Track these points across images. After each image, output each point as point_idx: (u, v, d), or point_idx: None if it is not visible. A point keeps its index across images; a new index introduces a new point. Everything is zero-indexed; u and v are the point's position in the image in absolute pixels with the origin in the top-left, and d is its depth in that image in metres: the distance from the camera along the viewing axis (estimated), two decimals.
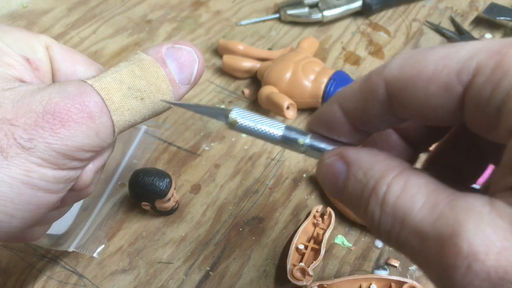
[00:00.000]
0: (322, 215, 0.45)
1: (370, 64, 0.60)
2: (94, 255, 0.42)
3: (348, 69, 0.60)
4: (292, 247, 0.42)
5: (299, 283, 0.39)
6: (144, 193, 0.42)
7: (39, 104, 0.23)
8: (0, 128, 0.22)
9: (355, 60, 0.61)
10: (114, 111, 0.24)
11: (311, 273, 0.40)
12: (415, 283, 0.39)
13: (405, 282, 0.39)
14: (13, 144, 0.22)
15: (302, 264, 0.41)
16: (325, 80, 0.51)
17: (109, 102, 0.24)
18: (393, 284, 0.40)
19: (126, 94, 0.25)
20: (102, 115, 0.24)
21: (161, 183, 0.41)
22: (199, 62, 0.26)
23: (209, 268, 0.42)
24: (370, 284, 0.40)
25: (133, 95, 0.25)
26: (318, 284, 0.40)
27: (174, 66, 0.26)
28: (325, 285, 0.40)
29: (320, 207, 0.45)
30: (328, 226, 0.44)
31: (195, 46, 0.27)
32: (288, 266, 0.41)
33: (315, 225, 0.44)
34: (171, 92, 0.26)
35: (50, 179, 0.24)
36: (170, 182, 0.42)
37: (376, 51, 0.62)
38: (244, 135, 0.52)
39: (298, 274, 0.40)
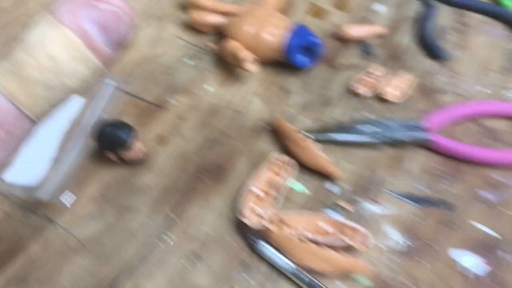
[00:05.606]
0: (281, 163, 0.47)
1: (335, 18, 0.61)
2: (66, 203, 0.45)
3: (312, 22, 0.60)
4: (246, 189, 0.45)
5: (248, 222, 0.43)
6: (107, 143, 0.44)
7: None
8: None
9: (319, 13, 0.61)
10: (29, 109, 0.21)
11: (261, 212, 0.43)
12: (366, 232, 0.42)
13: (357, 230, 0.42)
14: None
15: (252, 204, 0.44)
16: (285, 33, 0.52)
17: (22, 104, 0.20)
18: (346, 228, 0.43)
19: (40, 90, 0.20)
20: (16, 122, 0.21)
21: (122, 133, 0.43)
22: (127, 22, 0.22)
23: (175, 215, 0.45)
24: (325, 224, 0.43)
25: (49, 84, 0.21)
26: (275, 212, 0.43)
27: (96, 30, 0.21)
28: (282, 216, 0.43)
29: (277, 154, 0.48)
30: (286, 174, 0.46)
31: (123, 2, 0.22)
32: (241, 206, 0.44)
33: (274, 172, 0.47)
34: (93, 59, 0.21)
35: None
36: (131, 132, 0.44)
37: (342, 4, 0.62)
38: (211, 89, 0.54)
39: (247, 213, 0.43)
